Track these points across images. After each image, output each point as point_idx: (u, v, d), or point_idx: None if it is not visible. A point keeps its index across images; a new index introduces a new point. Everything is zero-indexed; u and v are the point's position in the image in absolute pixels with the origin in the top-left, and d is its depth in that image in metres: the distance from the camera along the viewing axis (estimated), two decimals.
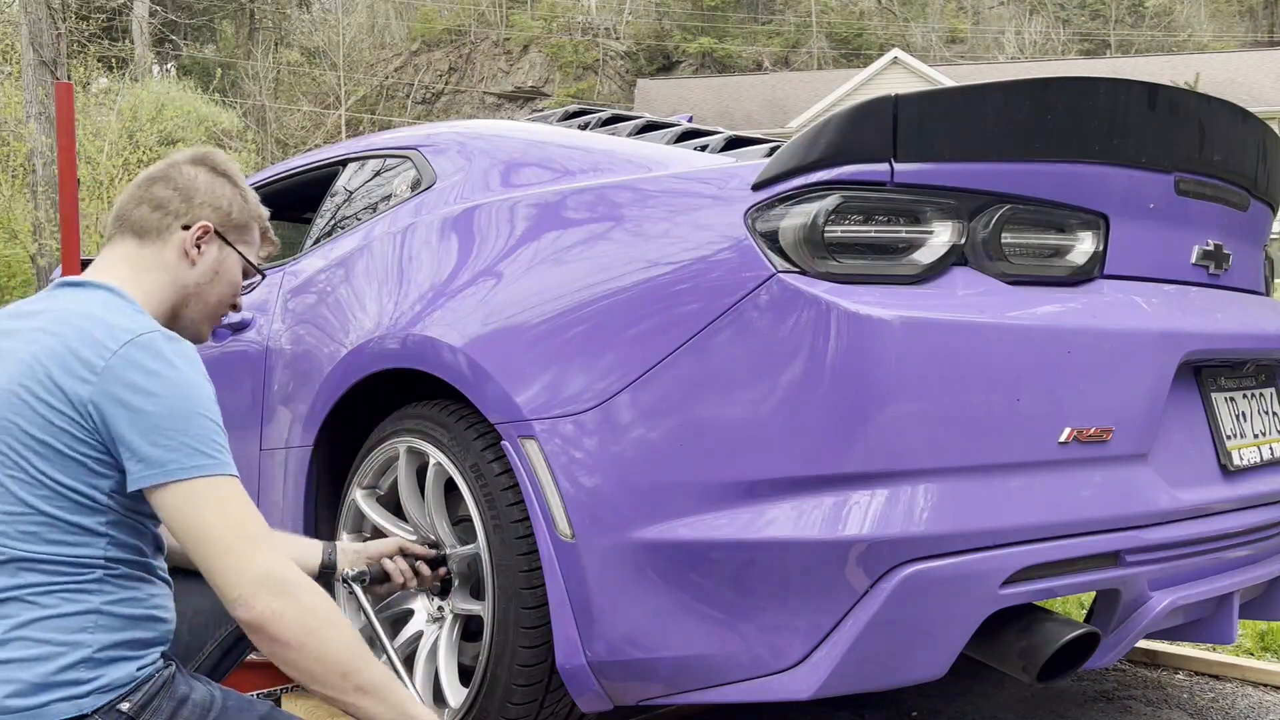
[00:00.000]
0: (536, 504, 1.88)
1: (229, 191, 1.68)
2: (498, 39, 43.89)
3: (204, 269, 1.64)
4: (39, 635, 1.35)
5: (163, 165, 1.68)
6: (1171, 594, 1.86)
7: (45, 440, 1.38)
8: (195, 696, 1.46)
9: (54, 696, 1.34)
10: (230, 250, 1.68)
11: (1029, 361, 1.67)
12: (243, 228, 1.70)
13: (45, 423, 1.38)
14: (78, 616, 1.38)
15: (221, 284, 1.68)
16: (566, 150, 2.28)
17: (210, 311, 1.69)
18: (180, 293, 1.63)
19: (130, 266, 1.60)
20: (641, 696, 1.86)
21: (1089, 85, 1.80)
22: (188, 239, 1.62)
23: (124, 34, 34.36)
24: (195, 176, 1.66)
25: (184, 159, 1.68)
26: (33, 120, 18.65)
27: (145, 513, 1.47)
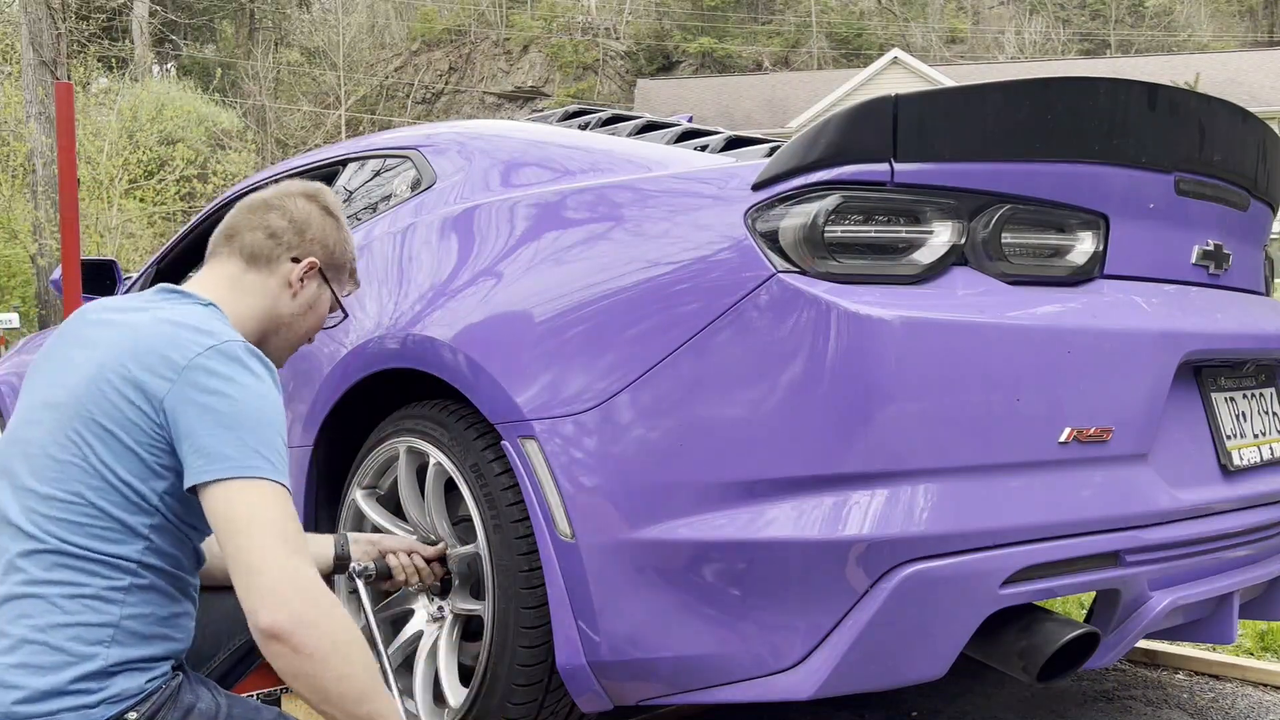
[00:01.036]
0: (536, 504, 1.88)
1: (335, 233, 1.75)
2: (498, 39, 43.89)
3: (301, 302, 1.71)
4: (57, 643, 1.36)
5: (278, 194, 1.74)
6: (1171, 594, 1.86)
7: (113, 431, 1.40)
8: (201, 705, 1.46)
9: (62, 705, 1.34)
10: (326, 288, 1.75)
11: (1029, 361, 1.67)
12: (340, 268, 1.77)
13: (118, 414, 1.40)
14: (98, 628, 1.38)
15: (312, 318, 1.74)
16: (566, 150, 2.28)
17: (295, 342, 1.75)
18: (273, 321, 1.68)
19: (232, 287, 1.65)
20: (641, 696, 1.86)
21: (1089, 85, 1.80)
22: (295, 272, 1.68)
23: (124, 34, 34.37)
24: (310, 213, 1.72)
25: (298, 191, 1.74)
26: (33, 120, 18.65)
27: (191, 522, 1.48)
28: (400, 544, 2.05)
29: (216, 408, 1.39)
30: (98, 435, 1.40)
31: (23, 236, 19.67)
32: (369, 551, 1.99)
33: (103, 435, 1.40)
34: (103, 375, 1.42)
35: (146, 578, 1.43)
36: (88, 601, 1.38)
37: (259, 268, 1.67)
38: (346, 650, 1.34)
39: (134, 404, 1.40)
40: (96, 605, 1.38)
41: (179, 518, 1.46)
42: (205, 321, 1.49)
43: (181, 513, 1.46)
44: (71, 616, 1.37)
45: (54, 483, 1.40)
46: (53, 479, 1.40)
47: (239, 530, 1.35)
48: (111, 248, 19.50)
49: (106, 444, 1.40)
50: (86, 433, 1.40)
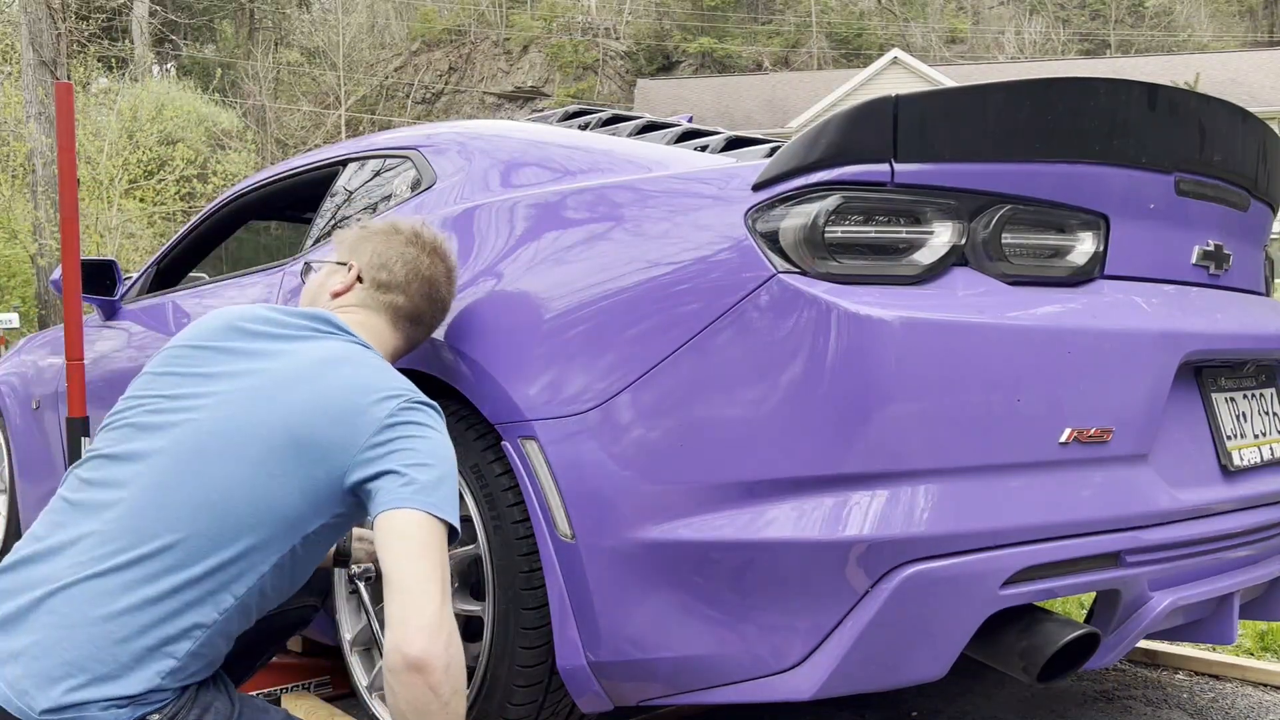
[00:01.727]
0: (536, 504, 1.88)
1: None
2: (498, 39, 43.89)
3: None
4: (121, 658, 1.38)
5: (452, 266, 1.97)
6: (1172, 594, 1.86)
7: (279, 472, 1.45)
8: (218, 704, 1.48)
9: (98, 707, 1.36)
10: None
11: (1029, 362, 1.67)
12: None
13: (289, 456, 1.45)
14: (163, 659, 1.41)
15: None
16: (566, 150, 2.28)
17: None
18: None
19: (392, 331, 1.85)
20: (642, 697, 1.86)
21: (1089, 85, 1.80)
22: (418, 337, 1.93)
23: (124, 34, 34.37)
24: (449, 296, 1.97)
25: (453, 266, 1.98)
26: (33, 120, 18.64)
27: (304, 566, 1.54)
28: None
29: (407, 448, 1.47)
30: (269, 472, 1.44)
31: (23, 236, 19.67)
32: (370, 551, 1.99)
33: (274, 471, 1.45)
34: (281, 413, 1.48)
35: (227, 622, 1.46)
36: (168, 634, 1.40)
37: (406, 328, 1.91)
38: (459, 697, 1.41)
39: (311, 451, 1.46)
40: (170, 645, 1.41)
41: (303, 557, 1.51)
42: (388, 376, 1.59)
43: (308, 552, 1.52)
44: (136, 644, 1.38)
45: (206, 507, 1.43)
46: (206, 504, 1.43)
47: (408, 559, 1.40)
48: (111, 248, 19.50)
49: (275, 479, 1.44)
50: (259, 466, 1.44)
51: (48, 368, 3.80)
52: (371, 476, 1.46)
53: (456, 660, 1.40)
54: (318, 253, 2.68)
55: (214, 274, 3.52)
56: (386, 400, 1.51)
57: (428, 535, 1.42)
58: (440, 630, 1.38)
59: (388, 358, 1.81)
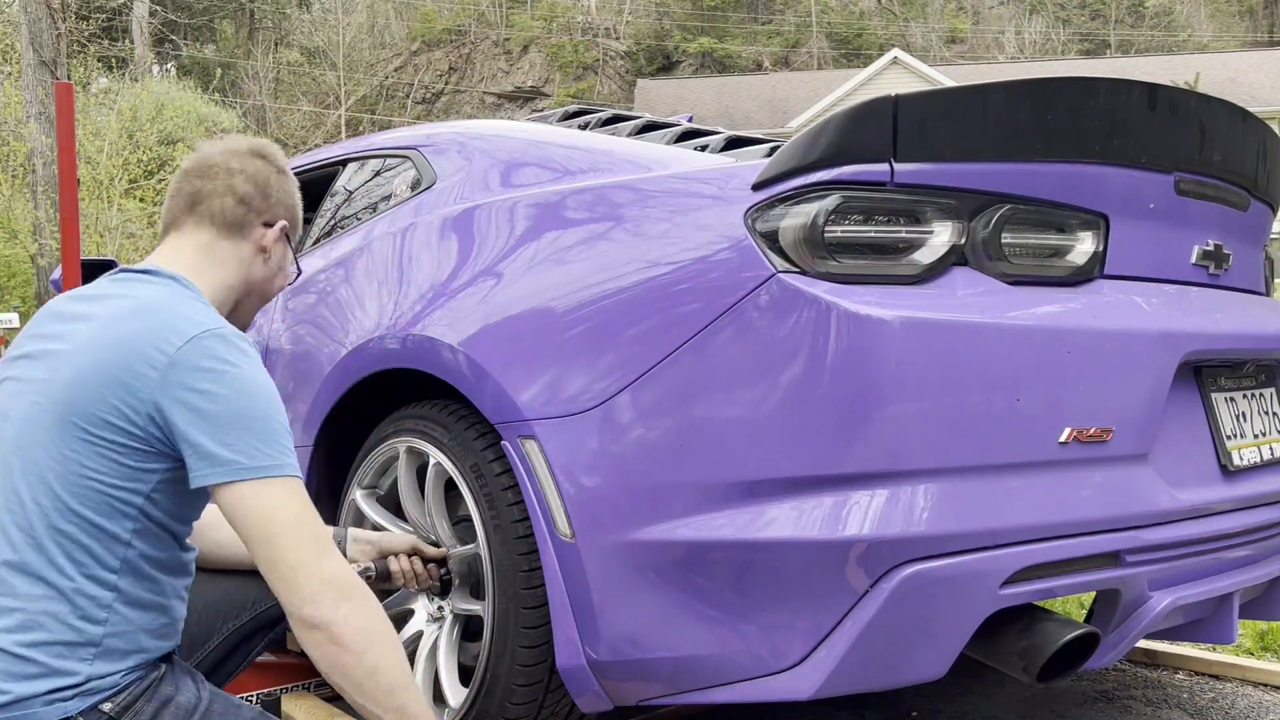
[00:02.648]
0: (536, 504, 1.88)
1: (292, 191, 1.72)
2: (498, 39, 43.89)
3: (273, 265, 1.69)
4: (38, 657, 1.35)
5: (230, 155, 1.67)
6: (1172, 594, 1.86)
7: (95, 434, 1.37)
8: (180, 699, 1.45)
9: (41, 702, 1.34)
10: (289, 248, 1.72)
11: (1029, 362, 1.67)
12: (296, 226, 1.75)
13: (98, 417, 1.36)
14: (81, 647, 1.37)
15: (280, 279, 1.72)
16: (566, 150, 2.28)
17: (265, 303, 1.73)
18: (248, 287, 1.65)
19: (204, 257, 1.60)
20: (641, 696, 1.86)
21: (1089, 85, 1.80)
22: (268, 236, 1.65)
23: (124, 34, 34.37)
24: (268, 174, 1.68)
25: (245, 149, 1.68)
26: (33, 120, 18.63)
27: (173, 525, 1.46)
28: (401, 543, 2.03)
29: (210, 408, 1.36)
30: (80, 439, 1.37)
31: (23, 236, 19.66)
32: (367, 551, 1.98)
33: (85, 439, 1.37)
34: (81, 376, 1.38)
35: (129, 592, 1.41)
36: (69, 620, 1.36)
37: (231, 235, 1.61)
38: (381, 644, 1.37)
39: (117, 406, 1.36)
40: (78, 625, 1.37)
41: (162, 519, 1.44)
42: (180, 305, 1.44)
43: (165, 514, 1.44)
44: (53, 635, 1.36)
45: (38, 488, 1.37)
46: (35, 484, 1.37)
47: (265, 538, 1.35)
48: (111, 248, 19.49)
49: (89, 448, 1.37)
50: (70, 437, 1.37)
51: None
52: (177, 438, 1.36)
53: (351, 609, 1.34)
54: (318, 253, 2.68)
55: None
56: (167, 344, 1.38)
57: (260, 504, 1.35)
58: (321, 594, 1.33)
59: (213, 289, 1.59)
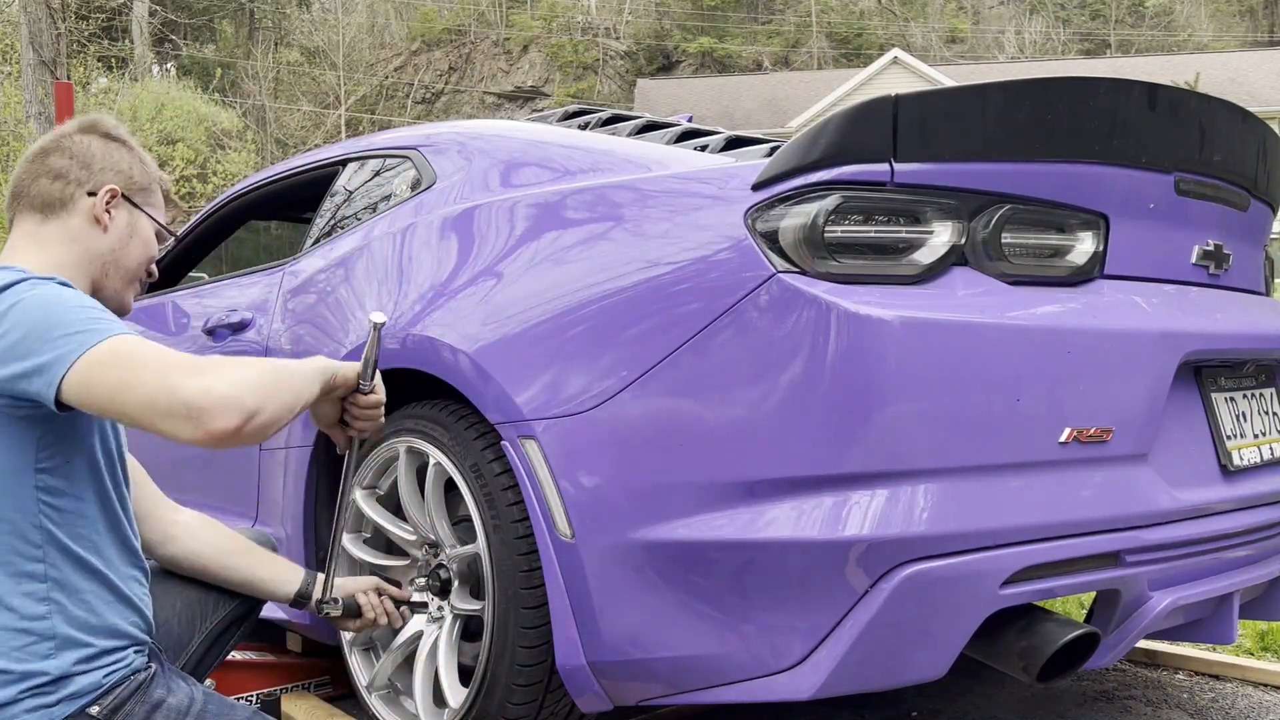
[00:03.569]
0: (536, 504, 1.88)
1: (126, 155, 1.64)
2: (498, 39, 43.90)
3: (117, 234, 1.60)
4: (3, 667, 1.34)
5: (52, 137, 1.62)
6: (1172, 594, 1.86)
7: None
8: (172, 700, 1.44)
9: (20, 709, 1.34)
10: (139, 213, 1.64)
11: (1029, 362, 1.67)
12: (146, 190, 1.66)
13: None
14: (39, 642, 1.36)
15: (136, 246, 1.63)
16: (566, 150, 2.28)
17: (130, 277, 1.64)
18: (97, 262, 1.58)
19: (35, 244, 1.55)
20: (641, 696, 1.86)
21: (1089, 85, 1.80)
22: (96, 204, 1.57)
23: (124, 34, 34.38)
24: (89, 144, 1.61)
25: (72, 128, 1.63)
26: (32, 120, 18.62)
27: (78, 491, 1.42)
28: (364, 584, 1.94)
29: (12, 335, 1.32)
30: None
31: None
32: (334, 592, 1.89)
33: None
34: None
35: (63, 572, 1.39)
36: (12, 622, 1.35)
37: (55, 214, 1.55)
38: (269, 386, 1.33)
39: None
40: (24, 623, 1.36)
41: (61, 483, 1.40)
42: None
43: (61, 476, 1.40)
44: (5, 642, 1.35)
45: None
46: None
47: (118, 389, 1.29)
48: None
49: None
50: None
51: None
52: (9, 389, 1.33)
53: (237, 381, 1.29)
54: (318, 253, 2.68)
55: (214, 274, 3.52)
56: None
57: (96, 369, 1.29)
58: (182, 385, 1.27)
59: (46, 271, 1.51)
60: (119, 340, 1.32)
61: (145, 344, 1.34)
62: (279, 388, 1.36)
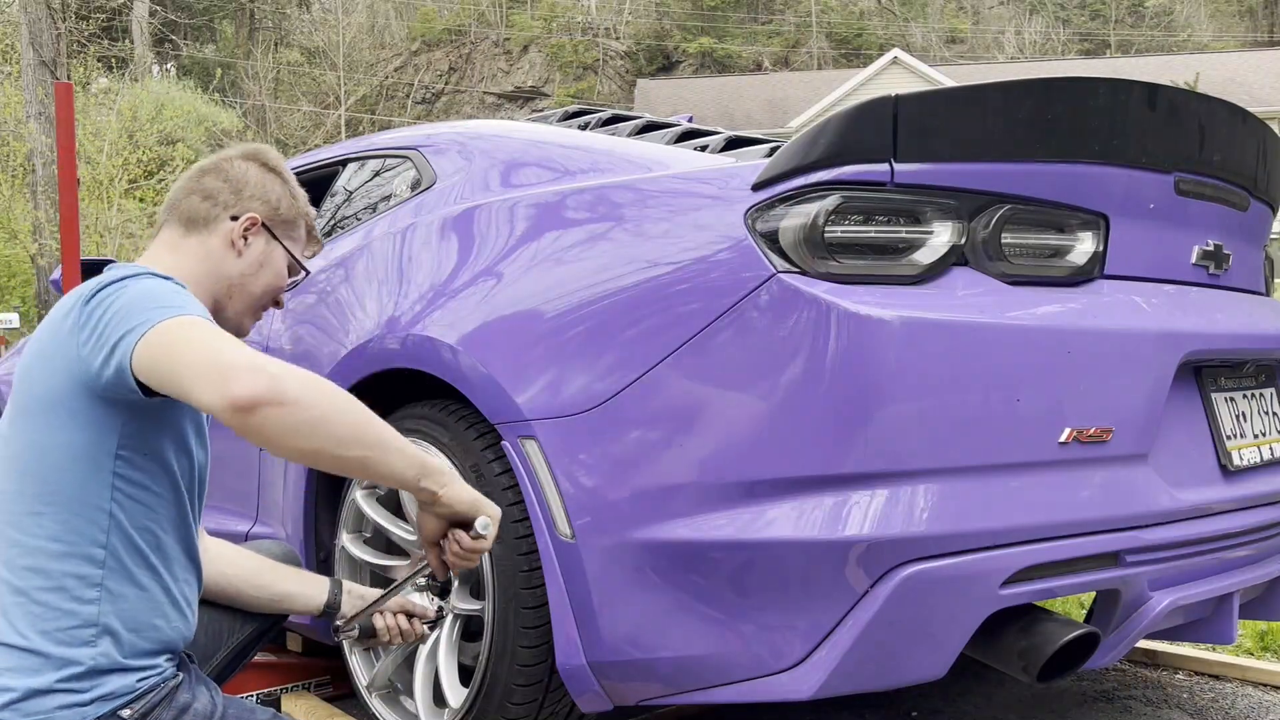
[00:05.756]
0: (536, 504, 1.88)
1: (278, 188, 1.69)
2: (498, 39, 43.91)
3: (249, 260, 1.65)
4: (39, 647, 1.35)
5: (214, 158, 1.70)
6: (1172, 594, 1.86)
7: (49, 405, 1.39)
8: (197, 705, 1.46)
9: (55, 703, 1.35)
10: (277, 245, 1.68)
11: (1029, 362, 1.67)
12: (290, 223, 1.70)
13: (45, 387, 1.39)
14: (78, 629, 1.37)
15: (267, 275, 1.67)
16: (566, 150, 2.28)
17: (254, 304, 1.68)
18: (223, 283, 1.63)
19: (172, 252, 1.61)
20: (641, 696, 1.86)
21: (1089, 85, 1.80)
22: (235, 229, 1.62)
23: (124, 34, 34.38)
24: (246, 171, 1.67)
25: (236, 154, 1.70)
26: (32, 120, 18.64)
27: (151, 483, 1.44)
28: (391, 605, 1.90)
29: (104, 310, 1.35)
30: (42, 415, 1.39)
31: (23, 236, 19.67)
32: (358, 606, 1.89)
33: (45, 414, 1.39)
34: (30, 361, 1.43)
35: (119, 563, 1.41)
36: (61, 604, 1.37)
37: (197, 230, 1.62)
38: (319, 386, 1.30)
39: (55, 369, 1.39)
40: (71, 607, 1.37)
41: (137, 479, 1.43)
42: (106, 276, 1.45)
43: (139, 471, 1.43)
44: (48, 622, 1.36)
45: (13, 476, 1.41)
46: (13, 473, 1.41)
47: (169, 364, 1.29)
48: (111, 248, 19.50)
49: (50, 422, 1.39)
50: (33, 418, 1.40)
51: None
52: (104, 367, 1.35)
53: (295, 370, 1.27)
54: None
55: None
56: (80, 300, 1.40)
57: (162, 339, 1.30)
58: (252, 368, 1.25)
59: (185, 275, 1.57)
60: (192, 318, 1.34)
61: (221, 330, 1.35)
62: (342, 413, 1.30)
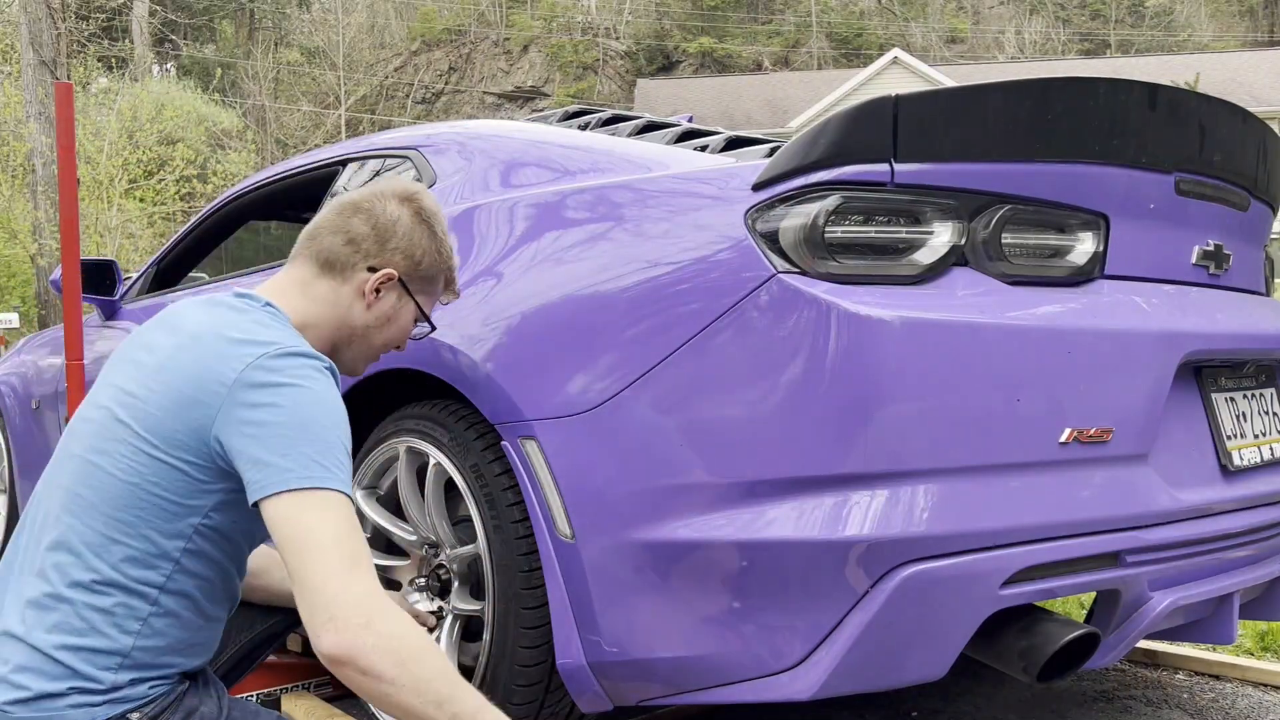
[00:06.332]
0: (536, 504, 1.88)
1: (425, 240, 1.63)
2: (498, 39, 43.92)
3: (378, 314, 1.60)
4: (65, 659, 1.35)
5: (369, 195, 1.63)
6: (1172, 594, 1.86)
7: (161, 448, 1.37)
8: (204, 709, 1.46)
9: (65, 702, 1.35)
10: (409, 300, 1.64)
11: (1029, 362, 1.67)
12: (428, 279, 1.66)
13: (167, 431, 1.37)
14: (107, 655, 1.37)
15: (391, 330, 1.64)
16: (566, 150, 2.28)
17: (371, 354, 1.65)
18: (345, 331, 1.59)
19: (302, 293, 1.57)
20: (641, 696, 1.86)
21: (1089, 85, 1.80)
22: (370, 282, 1.57)
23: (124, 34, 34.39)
24: (398, 218, 1.61)
25: (391, 194, 1.63)
26: (33, 120, 18.64)
27: (224, 547, 1.45)
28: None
29: (267, 420, 1.33)
30: (148, 451, 1.37)
31: (23, 236, 19.66)
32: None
33: (153, 451, 1.37)
34: (156, 388, 1.39)
35: (168, 606, 1.41)
36: (101, 627, 1.36)
37: (332, 275, 1.57)
38: (414, 663, 1.28)
39: (184, 422, 1.36)
40: (110, 633, 1.37)
41: (214, 539, 1.43)
42: (257, 330, 1.42)
43: (219, 534, 1.43)
44: (82, 639, 1.36)
45: (97, 491, 1.38)
46: (97, 487, 1.38)
47: (298, 549, 1.30)
48: (111, 248, 19.51)
49: (155, 460, 1.37)
50: (139, 446, 1.37)
51: (48, 368, 3.80)
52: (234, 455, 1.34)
53: (373, 638, 1.26)
54: None
55: (214, 274, 3.52)
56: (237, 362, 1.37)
57: (300, 516, 1.30)
58: (348, 619, 1.25)
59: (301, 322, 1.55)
60: (336, 500, 1.32)
61: (352, 521, 1.33)
62: (422, 693, 1.28)
